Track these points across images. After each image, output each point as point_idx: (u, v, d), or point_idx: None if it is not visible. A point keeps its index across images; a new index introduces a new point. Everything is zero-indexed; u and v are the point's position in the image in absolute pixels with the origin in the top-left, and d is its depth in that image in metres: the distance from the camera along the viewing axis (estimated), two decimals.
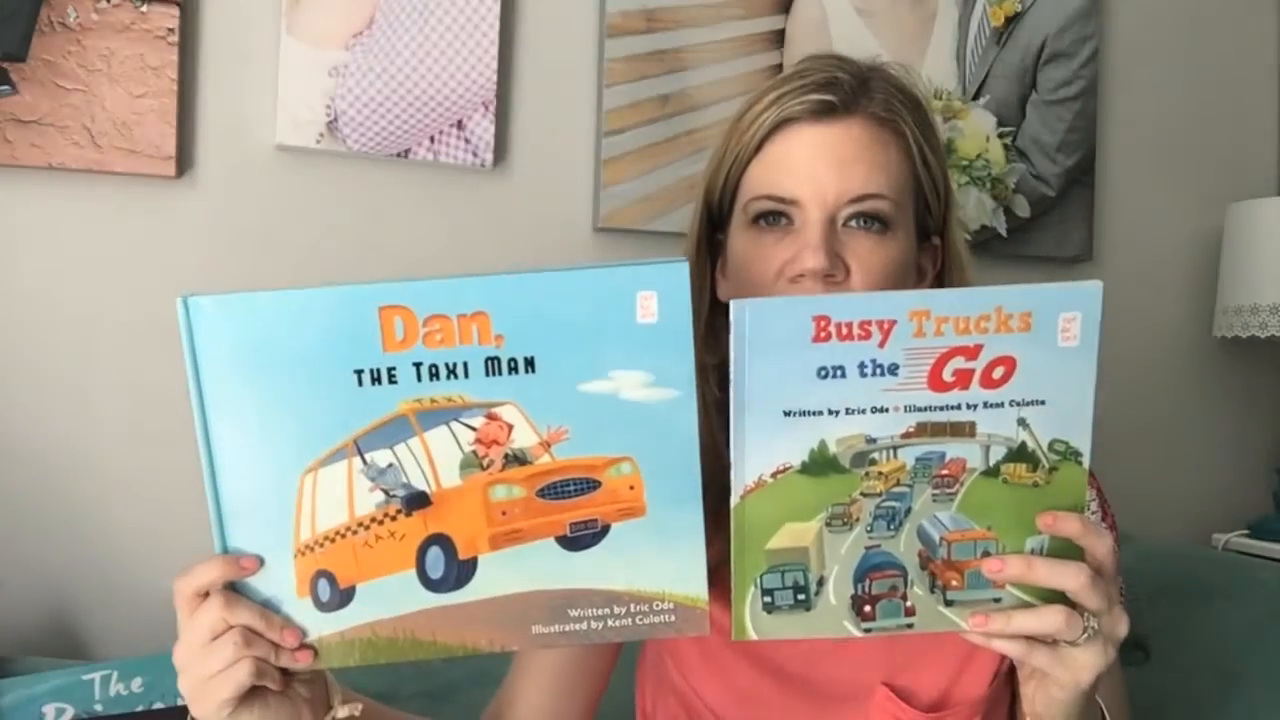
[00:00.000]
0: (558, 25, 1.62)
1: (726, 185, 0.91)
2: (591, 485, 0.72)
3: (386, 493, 0.72)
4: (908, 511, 0.73)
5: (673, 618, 0.74)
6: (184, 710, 0.75)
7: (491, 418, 0.71)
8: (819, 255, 0.84)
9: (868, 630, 0.75)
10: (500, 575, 0.73)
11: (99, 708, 1.12)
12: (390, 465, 0.71)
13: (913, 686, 0.91)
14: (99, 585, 1.42)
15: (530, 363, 0.70)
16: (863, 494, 0.72)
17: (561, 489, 0.72)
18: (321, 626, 0.74)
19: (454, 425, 0.71)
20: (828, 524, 0.73)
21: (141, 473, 1.42)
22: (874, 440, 0.71)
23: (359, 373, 0.70)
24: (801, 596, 0.74)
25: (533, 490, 0.72)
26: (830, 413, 0.70)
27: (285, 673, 0.75)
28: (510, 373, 0.70)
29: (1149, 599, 1.40)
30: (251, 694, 0.73)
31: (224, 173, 1.48)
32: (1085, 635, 0.72)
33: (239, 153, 1.48)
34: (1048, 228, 1.86)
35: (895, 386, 0.70)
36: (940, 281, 0.93)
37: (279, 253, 1.48)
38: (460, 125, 1.55)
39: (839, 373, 0.69)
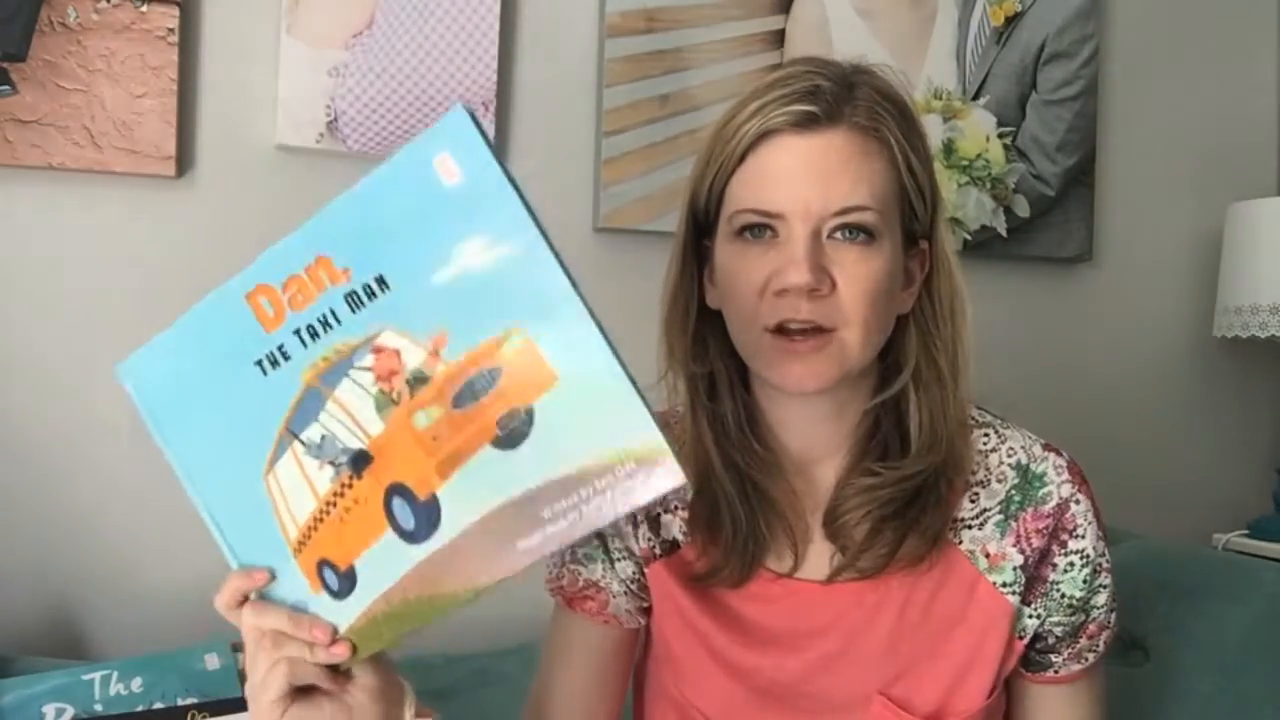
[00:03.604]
0: (558, 25, 1.62)
1: (711, 193, 0.90)
2: (495, 374, 0.67)
3: (333, 464, 0.71)
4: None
5: (643, 477, 0.66)
6: (184, 710, 0.76)
7: (377, 350, 0.69)
8: (803, 270, 0.83)
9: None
10: (462, 504, 0.69)
11: (99, 708, 1.12)
12: (324, 437, 0.71)
13: (910, 696, 0.91)
14: (99, 585, 1.42)
15: (381, 281, 0.68)
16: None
17: (470, 392, 0.67)
18: (346, 616, 0.74)
19: (352, 373, 0.70)
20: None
21: (141, 473, 1.42)
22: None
23: (259, 363, 0.71)
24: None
25: (447, 404, 0.68)
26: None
27: (339, 676, 0.76)
28: (370, 299, 0.68)
29: (1149, 599, 1.40)
30: (305, 697, 0.75)
31: (224, 173, 1.48)
32: None
33: (239, 153, 1.48)
34: (1048, 228, 1.86)
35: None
36: (929, 285, 0.93)
37: None
38: None
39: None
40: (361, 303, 0.69)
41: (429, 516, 0.70)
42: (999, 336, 1.78)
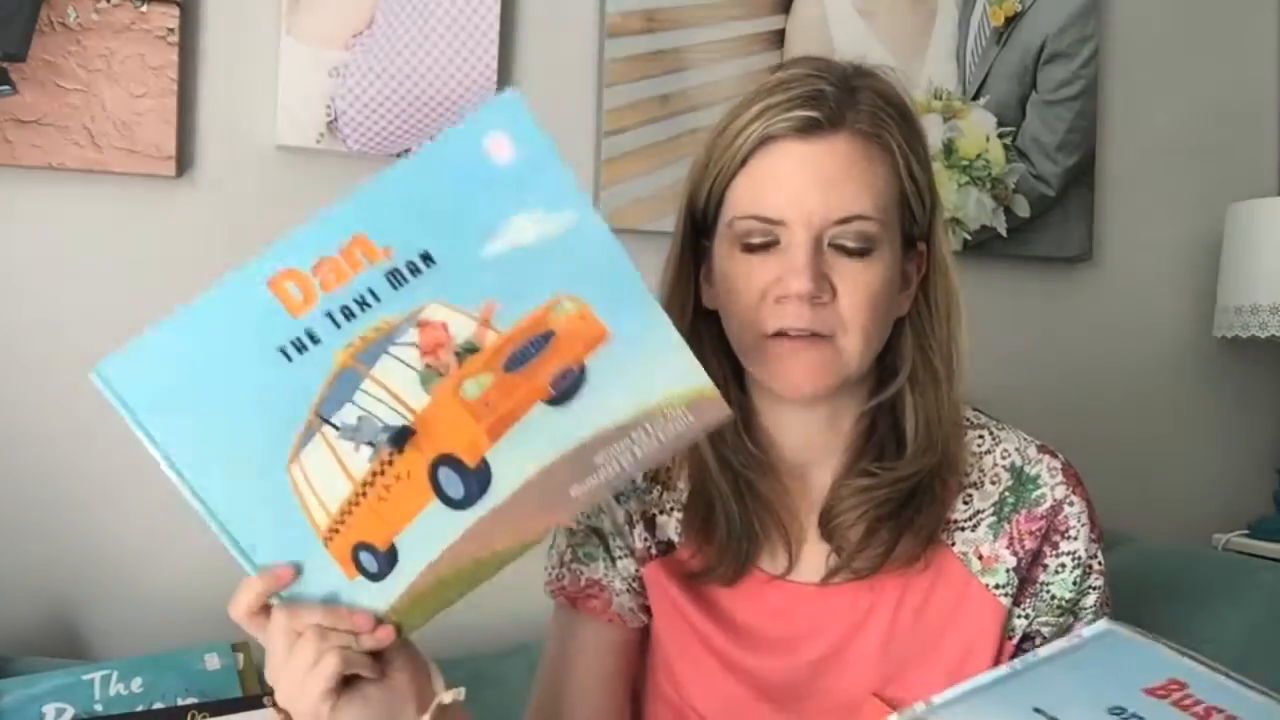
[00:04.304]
0: (558, 25, 1.62)
1: (711, 196, 0.90)
2: (547, 337, 0.70)
3: (371, 444, 0.71)
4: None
5: (691, 418, 0.72)
6: (184, 710, 0.76)
7: (422, 325, 0.69)
8: (804, 280, 0.83)
9: None
10: (514, 462, 0.71)
11: (99, 708, 1.12)
12: (361, 417, 0.70)
13: (903, 698, 0.91)
14: (99, 585, 1.42)
15: (427, 257, 0.69)
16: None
17: (522, 355, 0.70)
18: (387, 597, 0.73)
19: (393, 349, 0.70)
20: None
21: (142, 473, 1.41)
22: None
23: (283, 350, 0.69)
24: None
25: (499, 370, 0.70)
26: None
27: (379, 661, 0.75)
28: (414, 275, 0.69)
29: (1149, 600, 1.40)
30: (350, 688, 0.73)
31: (224, 173, 1.48)
32: None
33: (239, 153, 1.48)
34: (1048, 228, 1.86)
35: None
36: (925, 287, 0.92)
37: None
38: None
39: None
40: (404, 279, 0.69)
41: (479, 481, 0.71)
42: (998, 336, 1.78)
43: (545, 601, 1.01)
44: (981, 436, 0.94)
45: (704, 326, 0.93)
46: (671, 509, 0.95)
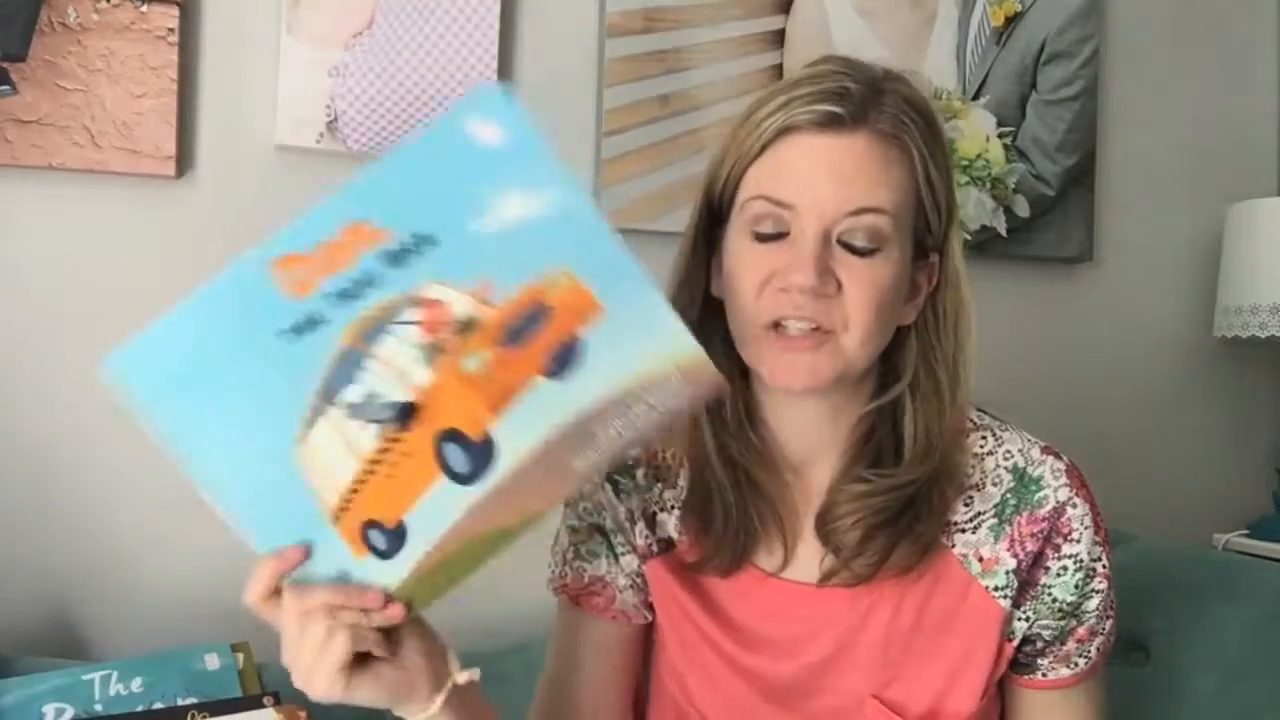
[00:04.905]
0: (558, 25, 1.62)
1: (728, 183, 0.90)
2: (542, 311, 0.71)
3: (376, 421, 0.71)
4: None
5: (686, 384, 0.73)
6: (184, 710, 0.76)
7: (422, 303, 0.70)
8: (809, 271, 0.83)
9: None
10: (517, 436, 0.72)
11: (99, 708, 1.12)
12: (367, 395, 0.71)
13: (902, 700, 0.91)
14: (99, 585, 1.42)
15: (423, 238, 0.70)
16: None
17: (520, 329, 0.71)
18: (397, 575, 0.74)
19: (395, 328, 0.71)
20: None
21: (142, 472, 1.42)
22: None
23: (287, 332, 0.70)
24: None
25: (497, 345, 0.71)
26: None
27: (392, 640, 0.75)
28: (412, 256, 0.70)
29: (1149, 600, 1.40)
30: (363, 666, 0.74)
31: (224, 173, 1.48)
32: None
33: (239, 153, 1.48)
34: (1048, 228, 1.86)
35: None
36: (935, 298, 0.92)
37: None
38: None
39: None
40: (402, 260, 0.70)
41: (484, 455, 0.72)
42: (998, 336, 1.78)
43: (546, 598, 1.01)
44: (985, 438, 0.94)
45: (712, 319, 0.93)
46: (672, 506, 0.95)
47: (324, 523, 0.73)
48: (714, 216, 0.93)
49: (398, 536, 0.73)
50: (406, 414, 0.71)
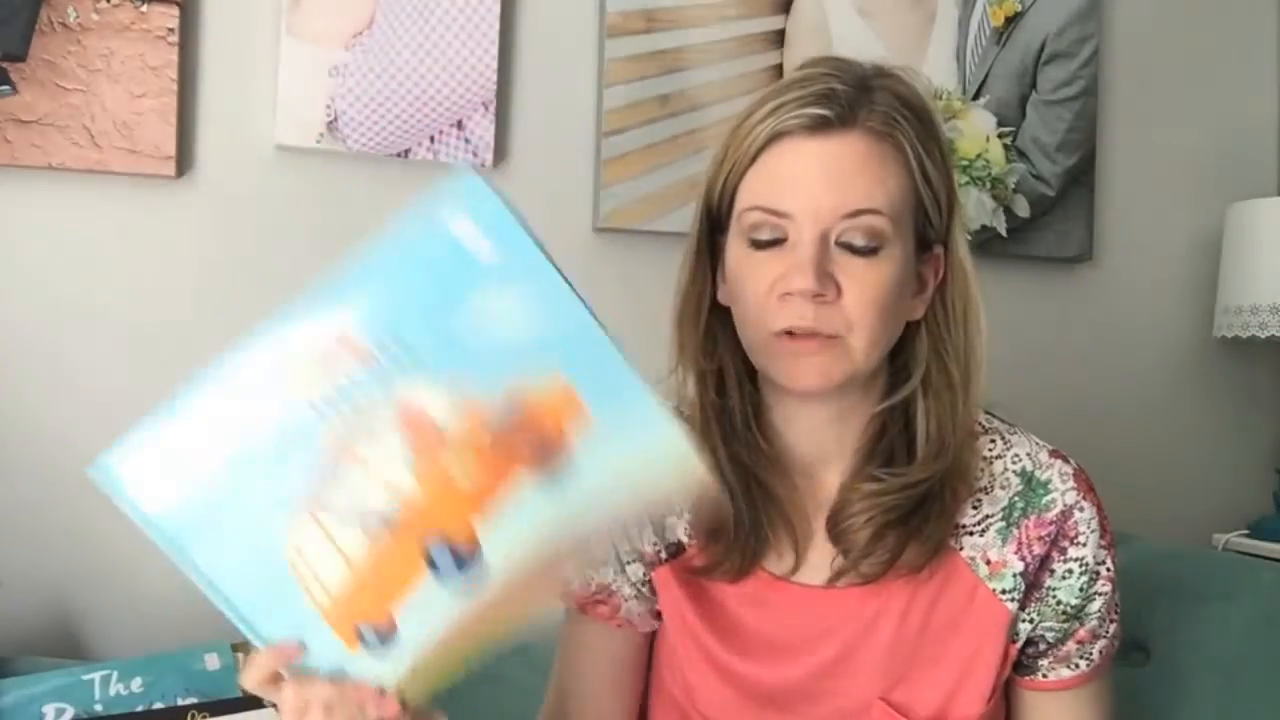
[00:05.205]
0: (558, 25, 1.62)
1: (724, 191, 0.90)
2: (528, 415, 0.69)
3: (361, 526, 0.71)
4: None
5: (677, 487, 0.72)
6: (184, 710, 0.76)
7: (405, 406, 0.70)
8: (808, 275, 0.83)
9: None
10: (506, 541, 0.71)
11: (99, 708, 1.12)
12: (350, 499, 0.71)
13: (909, 702, 0.91)
14: (99, 585, 1.42)
15: (406, 342, 0.69)
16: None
17: (503, 435, 0.70)
18: (393, 670, 0.74)
19: (376, 432, 0.70)
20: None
21: None
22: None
23: (273, 437, 0.70)
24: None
25: (481, 450, 0.70)
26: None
27: None
28: (396, 359, 0.69)
29: (1149, 600, 1.40)
30: None
31: (224, 173, 1.48)
32: None
33: (239, 153, 1.48)
34: (1048, 228, 1.86)
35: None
36: (942, 291, 0.92)
37: (279, 253, 1.48)
38: (460, 125, 1.55)
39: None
40: (386, 364, 0.69)
41: (472, 560, 0.71)
42: (998, 336, 1.76)
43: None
44: (993, 441, 0.94)
45: (719, 325, 0.93)
46: (681, 510, 0.95)
47: (317, 619, 0.73)
48: (714, 224, 0.93)
49: (391, 634, 0.73)
50: (391, 518, 0.71)
